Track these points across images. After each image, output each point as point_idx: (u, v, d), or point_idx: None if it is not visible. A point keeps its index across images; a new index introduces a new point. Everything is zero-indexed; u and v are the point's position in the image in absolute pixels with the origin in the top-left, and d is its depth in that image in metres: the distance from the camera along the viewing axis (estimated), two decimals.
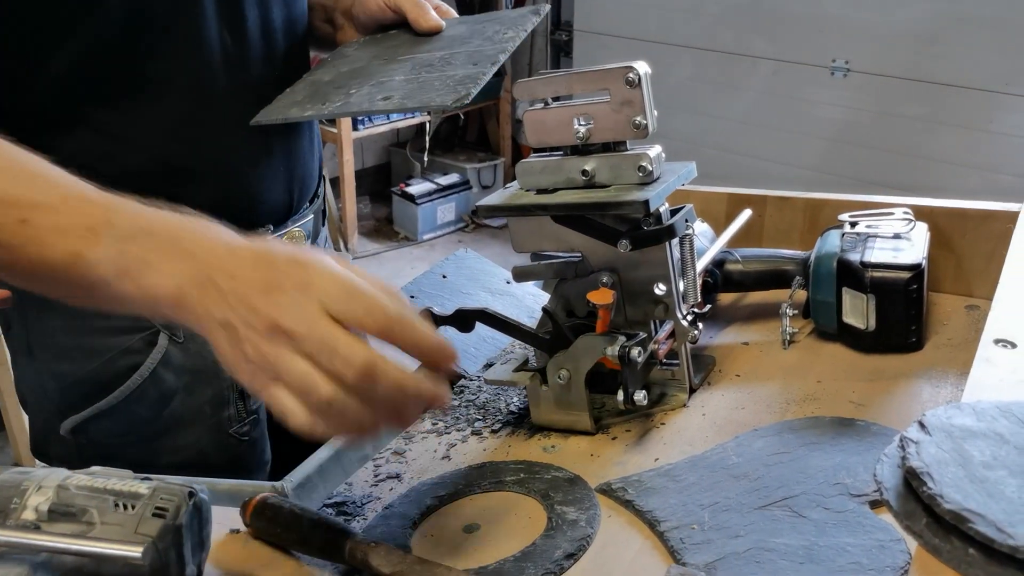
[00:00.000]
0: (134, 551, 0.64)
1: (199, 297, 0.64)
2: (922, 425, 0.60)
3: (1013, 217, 1.14)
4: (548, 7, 1.03)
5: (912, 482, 0.56)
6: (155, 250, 0.65)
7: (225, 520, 0.84)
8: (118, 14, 0.93)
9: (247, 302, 0.62)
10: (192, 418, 1.09)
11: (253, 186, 1.08)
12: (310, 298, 0.62)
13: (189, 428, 1.09)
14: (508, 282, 1.31)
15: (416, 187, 4.76)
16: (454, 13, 1.11)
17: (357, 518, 0.89)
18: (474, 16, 1.09)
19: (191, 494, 0.70)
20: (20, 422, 2.64)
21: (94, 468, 0.74)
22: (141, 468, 0.98)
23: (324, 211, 1.26)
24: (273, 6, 1.05)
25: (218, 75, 1.01)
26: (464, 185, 4.88)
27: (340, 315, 0.62)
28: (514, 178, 1.03)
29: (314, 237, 1.19)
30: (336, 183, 4.54)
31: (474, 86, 0.91)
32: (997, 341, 0.75)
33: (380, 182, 5.18)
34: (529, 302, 1.27)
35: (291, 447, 1.19)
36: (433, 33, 1.05)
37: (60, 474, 0.71)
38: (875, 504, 0.80)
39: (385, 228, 4.95)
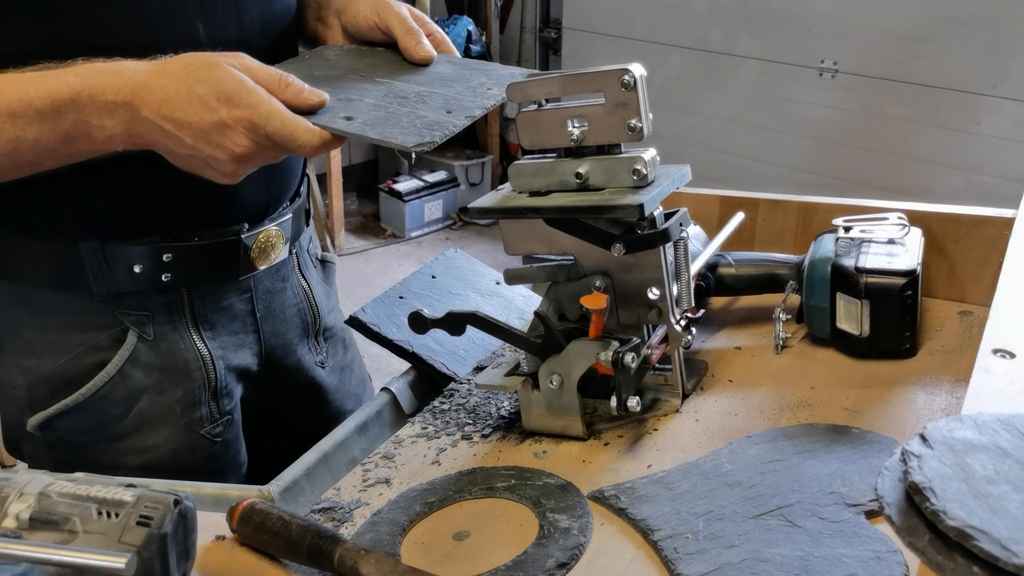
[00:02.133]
0: (117, 561, 0.62)
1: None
2: (923, 438, 0.59)
3: (1006, 223, 1.14)
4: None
5: (914, 497, 0.55)
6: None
7: (211, 526, 0.83)
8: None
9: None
10: (162, 418, 1.08)
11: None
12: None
13: (159, 428, 1.08)
14: (498, 283, 1.30)
15: (403, 184, 4.75)
16: (451, 45, 1.08)
17: (345, 524, 0.87)
18: (464, 60, 1.07)
19: (176, 502, 0.68)
20: None
21: (77, 474, 0.72)
22: (111, 468, 0.96)
23: (308, 210, 1.23)
24: (248, 4, 1.03)
25: None
26: (452, 182, 4.86)
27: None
28: (503, 176, 1.01)
29: (295, 236, 1.17)
30: (323, 179, 4.52)
31: (440, 135, 0.89)
32: (996, 351, 0.74)
33: (367, 178, 5.17)
34: (519, 303, 1.26)
35: (269, 449, 1.18)
36: (423, 64, 1.04)
37: (42, 480, 0.69)
38: (871, 514, 0.79)
39: (372, 225, 4.93)
